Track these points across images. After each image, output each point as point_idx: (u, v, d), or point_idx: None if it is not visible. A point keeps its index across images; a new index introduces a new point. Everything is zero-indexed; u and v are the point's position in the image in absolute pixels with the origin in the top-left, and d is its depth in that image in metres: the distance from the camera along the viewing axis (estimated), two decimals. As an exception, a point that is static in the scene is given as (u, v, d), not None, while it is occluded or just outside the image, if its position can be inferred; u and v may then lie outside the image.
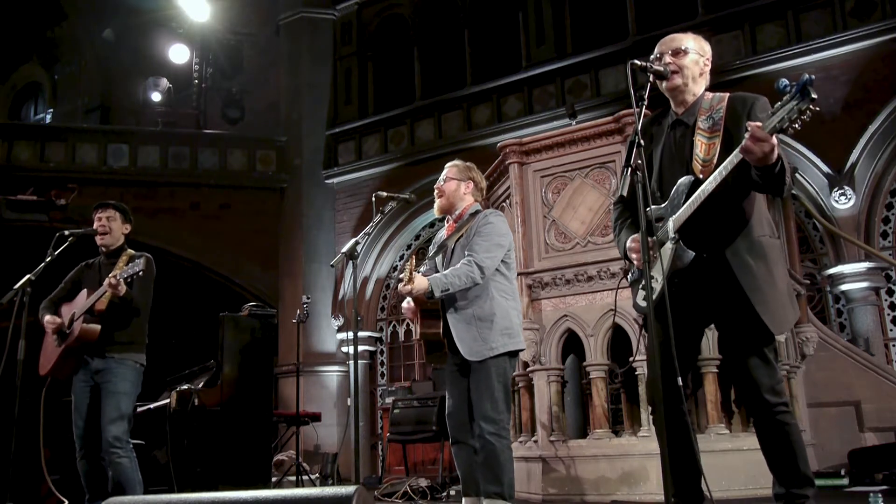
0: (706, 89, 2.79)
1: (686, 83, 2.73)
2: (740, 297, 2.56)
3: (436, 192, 3.68)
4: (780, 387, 2.61)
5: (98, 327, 3.98)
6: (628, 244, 2.76)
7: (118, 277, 3.84)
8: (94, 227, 4.23)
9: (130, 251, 4.25)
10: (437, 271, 3.58)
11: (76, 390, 4.09)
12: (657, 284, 2.62)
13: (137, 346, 4.15)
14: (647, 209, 2.65)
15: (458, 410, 3.47)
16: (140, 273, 3.86)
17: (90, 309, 3.98)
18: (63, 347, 4.05)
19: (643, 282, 2.50)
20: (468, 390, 3.44)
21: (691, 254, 2.59)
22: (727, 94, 2.70)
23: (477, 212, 3.61)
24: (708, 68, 2.79)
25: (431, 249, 3.77)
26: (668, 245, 2.62)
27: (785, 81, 2.31)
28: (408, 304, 3.60)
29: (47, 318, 4.13)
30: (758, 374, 2.59)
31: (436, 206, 3.70)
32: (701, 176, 2.60)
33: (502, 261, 3.49)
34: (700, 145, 2.65)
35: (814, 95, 2.21)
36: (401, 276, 3.39)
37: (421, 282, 3.31)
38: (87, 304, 4.00)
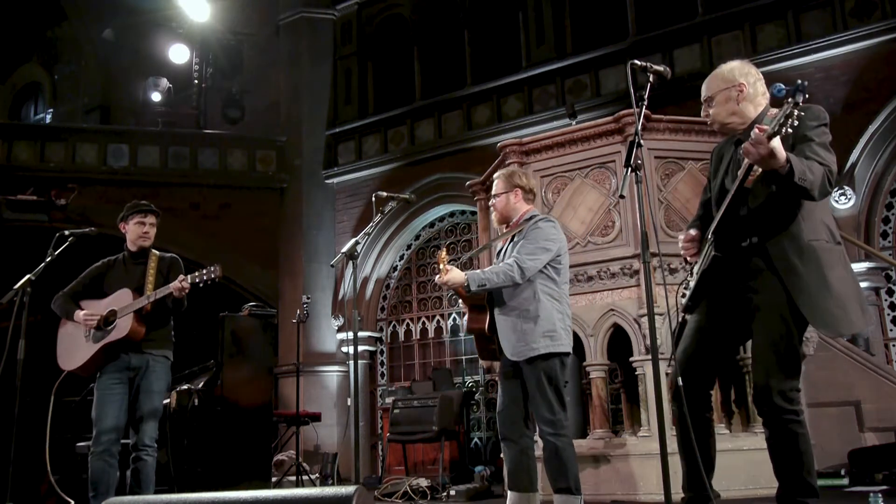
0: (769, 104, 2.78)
1: (724, 122, 2.78)
2: (777, 297, 2.57)
3: (491, 207, 3.80)
4: (793, 394, 2.59)
5: (145, 326, 4.03)
6: (680, 241, 2.84)
7: (189, 281, 3.95)
8: (137, 231, 4.25)
9: (156, 252, 4.31)
10: None
11: (105, 386, 4.00)
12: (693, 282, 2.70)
13: (169, 342, 4.24)
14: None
15: (507, 409, 3.56)
16: (214, 279, 3.96)
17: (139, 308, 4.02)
18: (103, 344, 4.01)
19: (687, 282, 2.57)
20: (518, 390, 3.53)
21: (713, 254, 2.64)
22: None
23: (531, 217, 3.65)
24: (744, 92, 2.76)
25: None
26: (706, 248, 2.68)
27: (780, 86, 2.34)
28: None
29: (83, 312, 4.07)
30: (772, 376, 2.59)
31: (494, 219, 3.83)
32: (749, 186, 2.62)
33: (551, 265, 3.52)
34: None
35: (797, 100, 2.26)
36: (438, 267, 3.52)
37: (457, 274, 3.43)
38: (138, 302, 4.01)
